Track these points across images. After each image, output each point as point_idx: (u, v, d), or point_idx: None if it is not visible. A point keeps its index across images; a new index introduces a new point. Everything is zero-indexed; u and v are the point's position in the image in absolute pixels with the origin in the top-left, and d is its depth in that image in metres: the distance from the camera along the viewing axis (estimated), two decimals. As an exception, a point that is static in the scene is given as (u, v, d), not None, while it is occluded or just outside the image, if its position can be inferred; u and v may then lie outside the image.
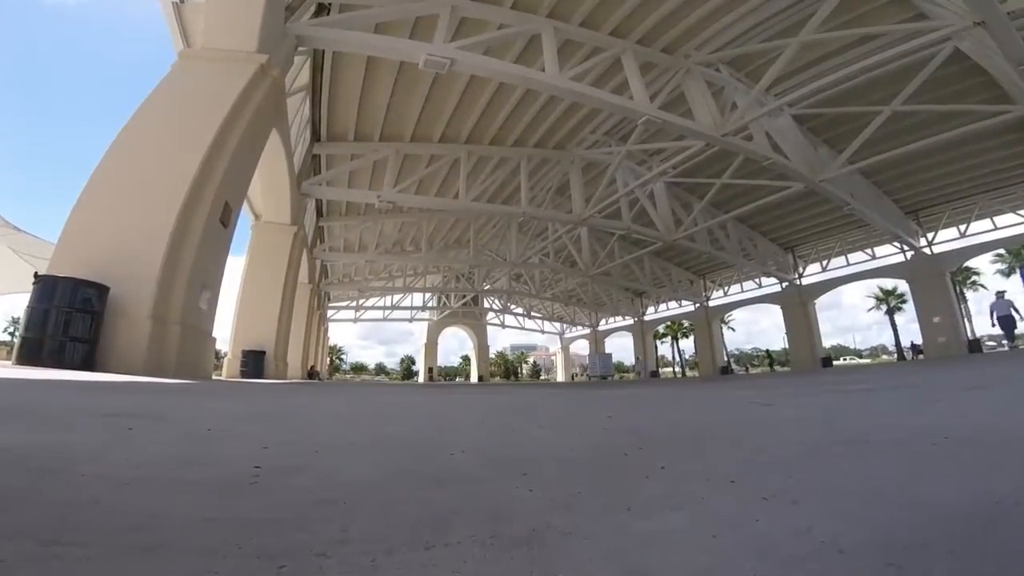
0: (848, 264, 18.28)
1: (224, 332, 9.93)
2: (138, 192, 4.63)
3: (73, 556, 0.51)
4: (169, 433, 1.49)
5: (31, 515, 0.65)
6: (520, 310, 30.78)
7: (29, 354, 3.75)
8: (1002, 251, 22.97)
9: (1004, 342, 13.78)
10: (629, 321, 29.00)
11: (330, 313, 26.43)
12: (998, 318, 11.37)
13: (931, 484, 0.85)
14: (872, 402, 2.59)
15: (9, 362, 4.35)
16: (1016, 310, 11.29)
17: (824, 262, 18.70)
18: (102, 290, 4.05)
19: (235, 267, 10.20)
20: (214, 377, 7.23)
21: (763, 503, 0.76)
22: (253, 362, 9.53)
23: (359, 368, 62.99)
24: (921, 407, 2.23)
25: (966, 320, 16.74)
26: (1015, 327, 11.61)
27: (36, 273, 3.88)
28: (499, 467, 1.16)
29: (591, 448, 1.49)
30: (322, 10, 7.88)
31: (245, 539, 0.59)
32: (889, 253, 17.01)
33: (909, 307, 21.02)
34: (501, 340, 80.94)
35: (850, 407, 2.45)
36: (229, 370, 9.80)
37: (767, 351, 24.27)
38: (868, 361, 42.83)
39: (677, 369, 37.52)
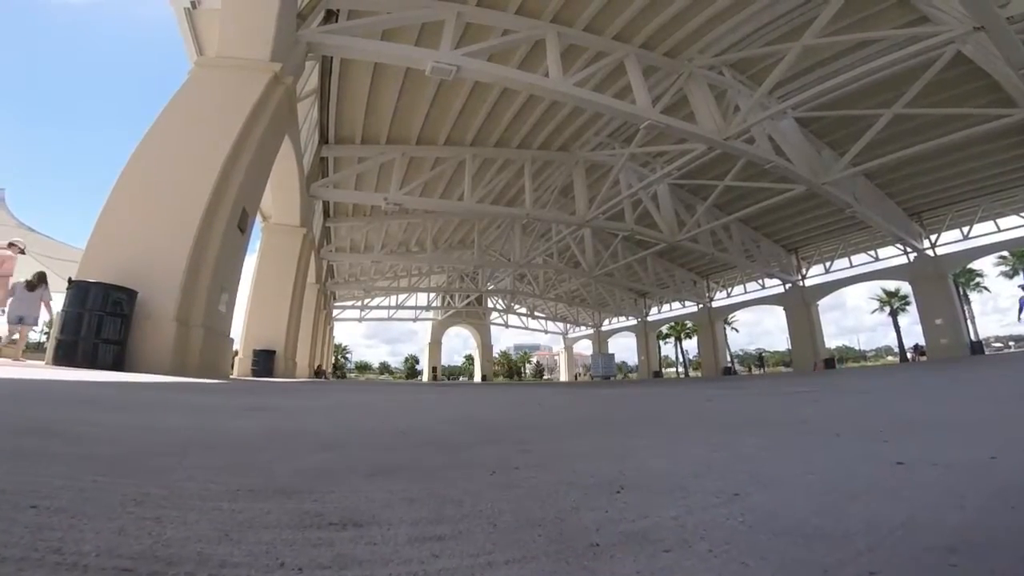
0: (851, 266, 18.33)
1: (235, 331, 10.14)
2: (162, 199, 4.82)
3: (396, 461, 1.15)
4: (317, 418, 2.13)
5: (348, 452, 1.26)
6: (524, 310, 30.91)
7: (65, 355, 3.95)
8: (1005, 253, 22.92)
9: None
10: (632, 321, 29.08)
11: (336, 312, 26.66)
12: None
13: (684, 430, 1.68)
14: (766, 401, 3.23)
15: (42, 362, 4.55)
16: None
17: (827, 263, 18.74)
18: (131, 294, 4.23)
19: (246, 268, 10.41)
20: (230, 377, 7.42)
21: (623, 435, 1.64)
22: (264, 361, 9.74)
23: (363, 367, 63.32)
24: (781, 405, 2.94)
25: (969, 322, 16.73)
26: None
27: (71, 279, 4.07)
28: (514, 427, 1.99)
29: (573, 421, 2.33)
30: (331, 16, 8.04)
31: (427, 446, 1.38)
32: (892, 255, 17.05)
33: (912, 308, 21.02)
34: (505, 340, 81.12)
35: (772, 404, 3.05)
36: (241, 369, 10.01)
37: (759, 353, 24.53)
38: (868, 364, 42.69)
39: (680, 369, 37.57)
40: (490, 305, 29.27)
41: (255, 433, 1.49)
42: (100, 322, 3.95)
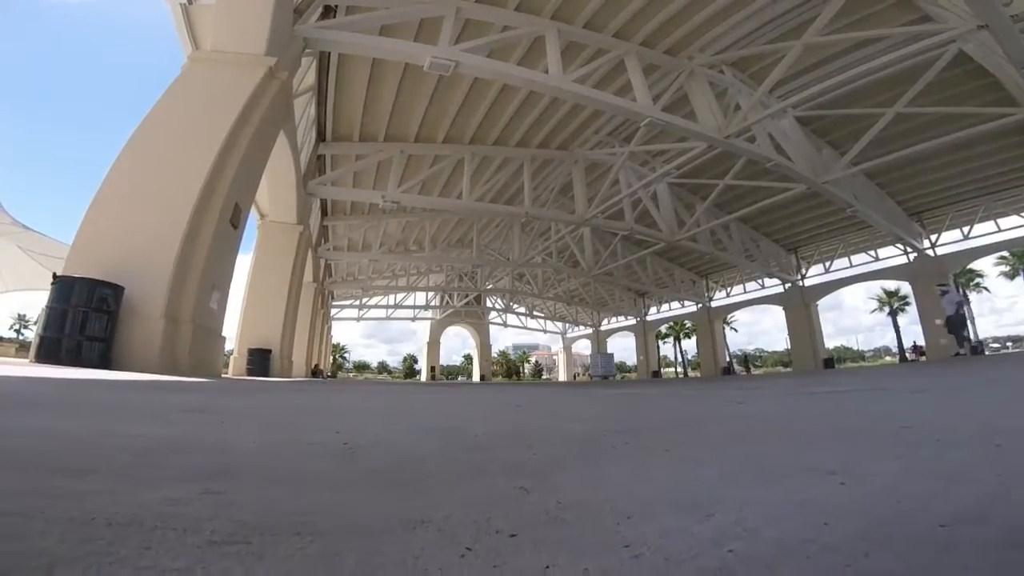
0: (851, 265, 18.28)
1: (230, 330, 10.04)
2: (151, 193, 4.73)
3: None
4: (254, 425, 1.78)
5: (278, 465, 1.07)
6: (522, 309, 30.84)
7: (48, 353, 3.85)
8: (1005, 253, 22.93)
9: (960, 349, 10.75)
10: (631, 321, 29.03)
11: (334, 312, 26.55)
12: (948, 317, 9.50)
13: (745, 444, 1.43)
14: (810, 403, 2.93)
15: (26, 360, 4.45)
16: (966, 302, 9.63)
17: (827, 263, 18.70)
18: (117, 290, 4.14)
19: (241, 266, 10.33)
20: (223, 375, 7.32)
21: (665, 453, 1.34)
22: (259, 360, 9.63)
23: (362, 367, 63.20)
24: (837, 407, 2.61)
25: (969, 322, 16.67)
26: (966, 326, 9.65)
27: (55, 274, 3.98)
28: (511, 441, 1.58)
29: (588, 432, 1.87)
30: (328, 12, 7.95)
31: (374, 477, 1.01)
32: (892, 255, 17.00)
33: (911, 308, 20.99)
34: (503, 339, 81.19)
35: (826, 406, 2.76)
36: (235, 368, 9.91)
37: (744, 354, 24.89)
38: (866, 364, 42.69)
39: (679, 369, 37.55)
40: (489, 304, 29.20)
41: (140, 448, 1.12)
42: (85, 319, 3.86)
